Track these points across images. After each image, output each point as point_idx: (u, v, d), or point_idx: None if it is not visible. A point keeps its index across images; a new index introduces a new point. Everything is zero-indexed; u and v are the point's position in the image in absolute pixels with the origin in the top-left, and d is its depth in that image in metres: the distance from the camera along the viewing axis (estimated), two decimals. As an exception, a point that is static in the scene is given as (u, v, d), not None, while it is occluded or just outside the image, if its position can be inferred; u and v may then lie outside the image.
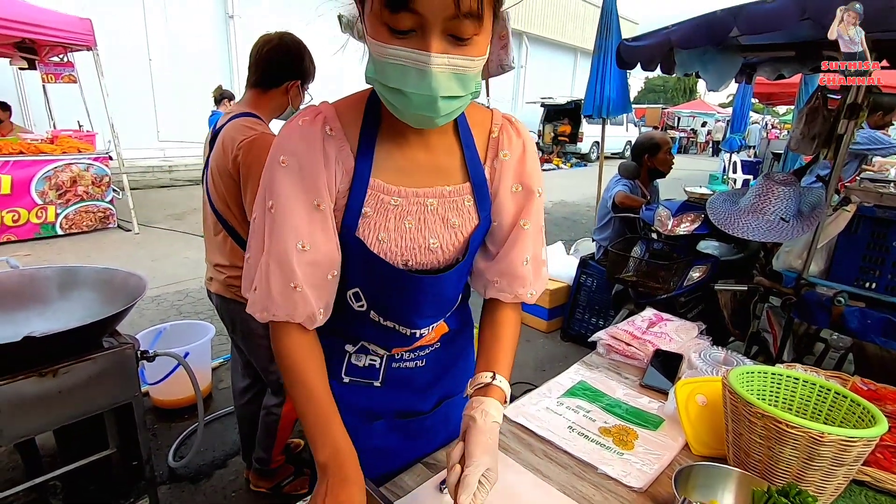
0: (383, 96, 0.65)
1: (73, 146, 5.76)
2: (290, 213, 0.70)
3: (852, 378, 1.20)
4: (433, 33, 0.57)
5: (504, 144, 0.80)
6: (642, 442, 1.04)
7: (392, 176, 0.74)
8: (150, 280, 2.99)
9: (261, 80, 1.61)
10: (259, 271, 0.73)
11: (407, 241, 0.76)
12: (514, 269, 0.83)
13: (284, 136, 0.72)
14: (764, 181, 2.19)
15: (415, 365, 0.92)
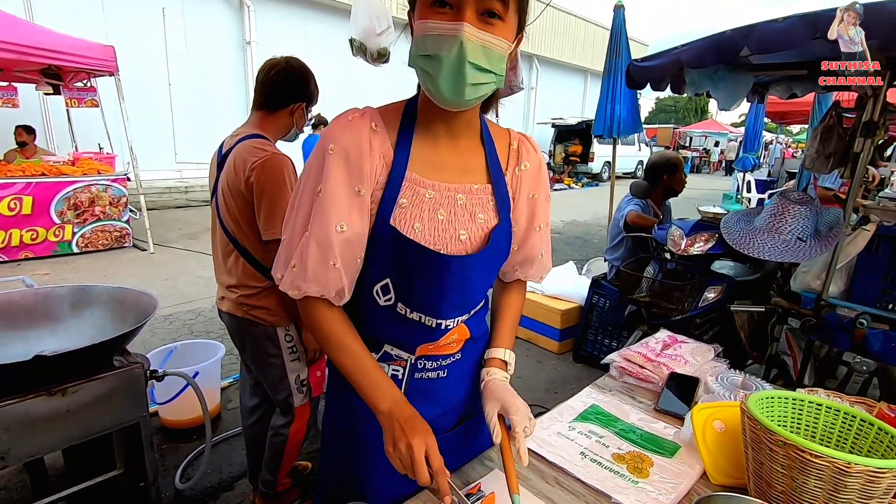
0: (420, 67, 0.74)
1: (93, 168, 5.91)
2: (336, 196, 0.78)
3: (878, 404, 1.15)
4: (467, 9, 0.69)
5: (524, 156, 0.92)
6: (658, 469, 1.00)
7: (426, 170, 0.83)
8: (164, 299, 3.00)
9: (267, 102, 1.65)
10: (298, 250, 0.80)
11: (440, 231, 0.83)
12: (533, 260, 1.00)
13: (335, 128, 0.80)
14: (780, 200, 2.16)
15: (437, 375, 0.95)
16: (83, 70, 5.60)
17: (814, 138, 2.79)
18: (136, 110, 8.00)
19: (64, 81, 5.98)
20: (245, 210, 1.57)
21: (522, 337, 3.89)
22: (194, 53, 10.11)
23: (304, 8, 11.57)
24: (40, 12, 7.91)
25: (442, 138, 0.84)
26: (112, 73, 5.52)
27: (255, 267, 1.64)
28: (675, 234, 2.67)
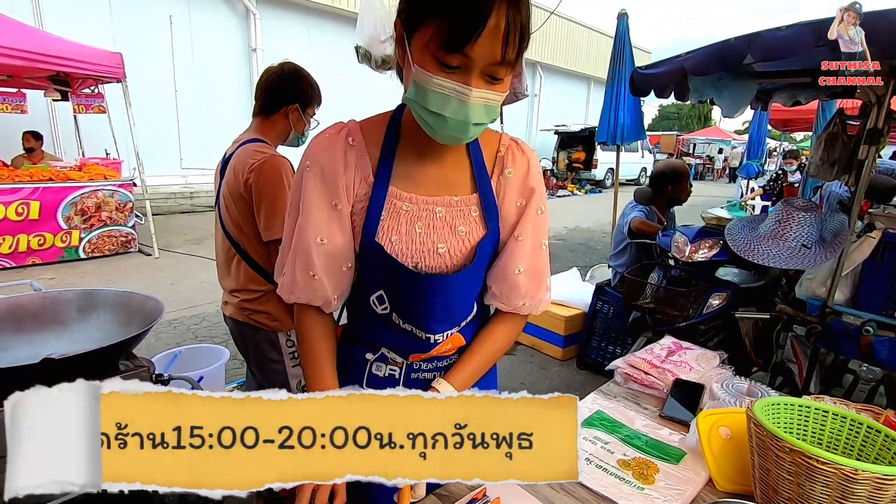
0: (420, 116, 0.74)
1: (99, 173, 5.95)
2: (313, 211, 0.82)
3: (885, 411, 1.14)
4: (475, 72, 0.68)
5: (509, 163, 0.88)
6: (663, 476, 1.00)
7: (405, 184, 0.84)
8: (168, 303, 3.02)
9: (262, 108, 1.68)
10: (289, 259, 0.86)
11: (417, 244, 0.83)
12: (506, 275, 0.88)
13: (312, 146, 0.84)
14: (784, 207, 2.16)
15: (433, 376, 0.95)
16: (91, 77, 5.66)
17: (818, 145, 2.79)
18: (143, 116, 8.07)
19: (72, 88, 6.04)
20: (246, 213, 1.59)
21: (526, 343, 3.88)
22: (200, 60, 10.21)
23: (309, 15, 11.68)
24: (49, 20, 8.01)
25: (426, 153, 0.84)
26: (119, 79, 5.58)
27: (257, 271, 1.64)
28: (680, 240, 2.66)
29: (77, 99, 6.07)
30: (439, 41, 0.66)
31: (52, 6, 8.23)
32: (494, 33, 0.65)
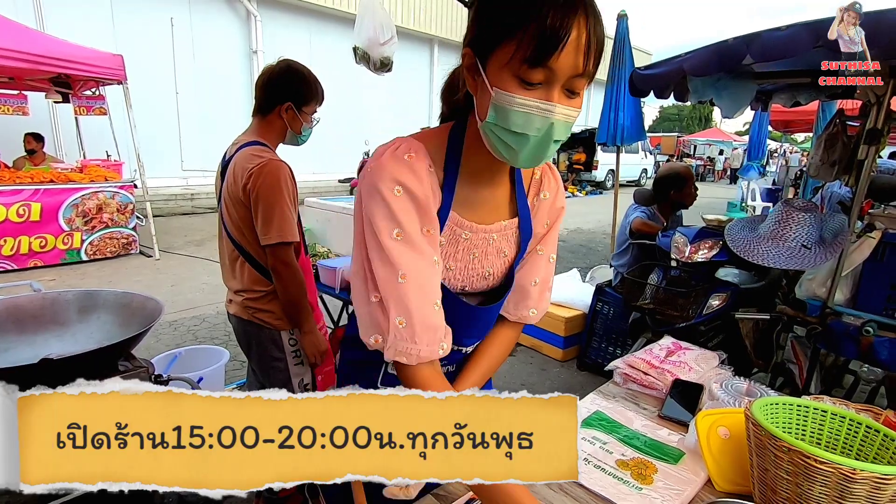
0: (500, 139, 0.71)
1: (100, 175, 5.96)
2: (418, 236, 0.75)
3: (885, 411, 1.14)
4: (557, 87, 0.67)
5: (545, 186, 0.93)
6: (662, 476, 1.00)
7: (465, 211, 0.83)
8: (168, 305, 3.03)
9: (259, 107, 1.67)
10: (396, 301, 0.73)
11: (470, 271, 0.86)
12: (524, 285, 0.94)
13: (394, 167, 0.75)
14: (784, 207, 2.15)
15: (447, 370, 0.97)
16: (92, 79, 5.67)
17: (818, 146, 2.80)
18: (144, 118, 8.08)
19: (73, 90, 6.06)
20: (246, 217, 1.59)
21: (526, 344, 3.88)
22: (202, 62, 10.24)
23: (310, 18, 11.72)
24: (51, 22, 8.04)
25: (483, 176, 0.84)
26: (121, 81, 5.60)
27: (260, 272, 1.66)
28: (679, 241, 2.66)
29: (78, 101, 6.09)
30: (522, 57, 0.65)
31: (54, 9, 8.26)
32: (577, 44, 0.64)
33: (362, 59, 2.23)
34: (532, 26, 0.63)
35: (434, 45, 14.35)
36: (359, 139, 10.90)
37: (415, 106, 14.41)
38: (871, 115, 1.98)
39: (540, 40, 0.63)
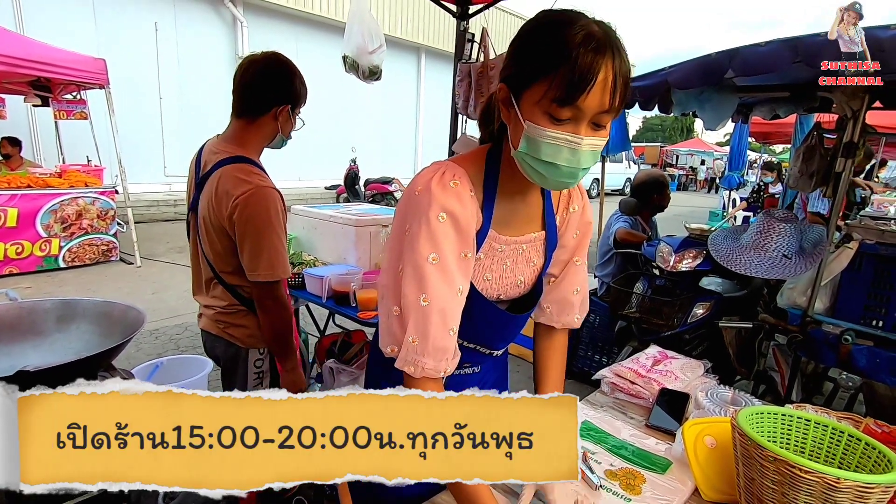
0: (532, 167, 0.78)
1: (80, 180, 5.85)
2: (453, 264, 0.80)
3: (865, 420, 1.16)
4: (584, 122, 0.72)
5: (574, 200, 1.00)
6: (650, 486, 1.00)
7: (502, 227, 0.90)
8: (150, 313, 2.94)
9: (247, 108, 1.47)
10: (415, 321, 0.78)
11: (504, 280, 0.93)
12: (566, 296, 1.02)
13: (439, 193, 0.79)
14: (764, 218, 2.20)
15: (472, 371, 1.04)
16: (73, 82, 5.58)
17: (797, 158, 2.87)
18: (126, 123, 7.95)
19: (53, 93, 5.95)
20: (229, 247, 1.45)
21: (513, 353, 3.86)
22: (186, 68, 10.14)
23: (297, 24, 11.70)
24: (31, 25, 7.90)
25: (518, 195, 0.90)
26: (102, 85, 5.51)
27: (231, 292, 1.53)
28: (664, 250, 2.70)
29: (58, 105, 5.98)
30: (553, 97, 0.70)
31: (34, 12, 8.12)
32: (603, 85, 0.70)
33: (351, 68, 2.24)
34: (562, 70, 0.69)
35: (421, 54, 14.43)
36: (346, 146, 10.86)
37: (402, 113, 14.44)
38: (847, 129, 2.04)
39: (570, 83, 0.69)
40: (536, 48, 0.73)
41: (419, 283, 0.78)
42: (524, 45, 0.76)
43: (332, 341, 2.48)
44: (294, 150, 1.72)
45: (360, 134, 12.29)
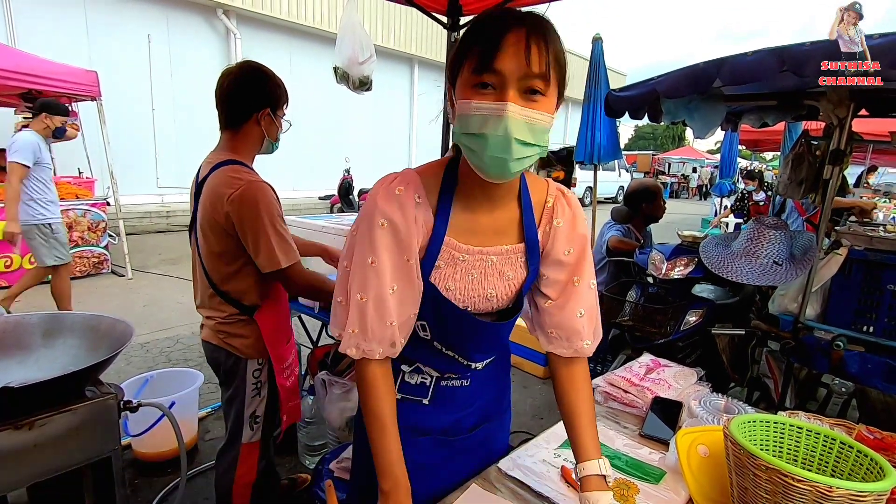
0: (465, 144, 0.78)
1: (71, 192, 5.80)
2: (387, 267, 0.84)
3: (857, 426, 1.16)
4: (509, 88, 0.72)
5: (558, 213, 0.94)
6: (644, 497, 0.99)
7: (462, 236, 0.88)
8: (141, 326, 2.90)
9: (231, 119, 1.54)
10: (354, 314, 0.85)
11: (469, 291, 0.90)
12: (570, 321, 0.94)
13: (384, 202, 0.84)
14: (755, 225, 2.21)
15: (461, 384, 1.01)
16: (64, 94, 5.55)
17: (786, 165, 2.89)
18: (119, 135, 7.93)
19: (44, 106, 5.91)
20: (226, 243, 1.50)
21: (507, 362, 3.86)
22: (179, 80, 10.14)
23: (290, 36, 11.75)
24: (23, 38, 7.89)
25: (480, 204, 0.88)
26: (94, 97, 5.50)
27: (231, 303, 1.58)
28: (656, 258, 2.71)
29: (50, 117, 5.93)
30: (471, 68, 0.73)
31: (26, 24, 8.11)
32: (517, 47, 0.71)
33: (342, 79, 2.24)
34: (477, 41, 0.73)
35: (414, 65, 14.52)
36: (339, 157, 10.87)
37: (395, 124, 14.50)
38: (833, 137, 2.06)
39: (483, 50, 0.72)
40: (463, 40, 0.77)
41: (358, 282, 0.84)
42: (458, 44, 0.80)
43: (325, 353, 2.46)
44: (288, 160, 1.74)
45: (354, 144, 12.30)
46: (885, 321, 2.00)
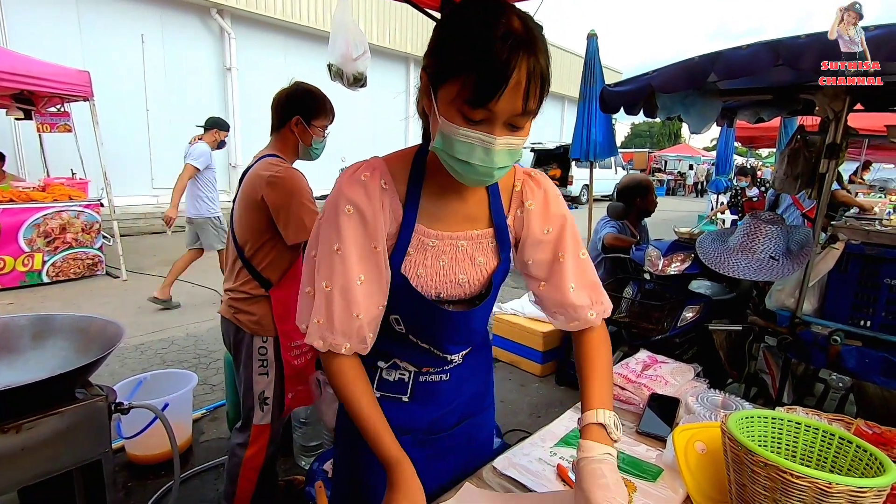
0: (448, 163, 0.78)
1: (64, 193, 5.77)
2: (354, 255, 0.82)
3: (856, 421, 1.15)
4: (499, 124, 0.72)
5: (528, 196, 0.94)
6: (641, 495, 0.98)
7: (431, 222, 0.87)
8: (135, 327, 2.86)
9: (274, 124, 1.80)
10: (320, 304, 0.83)
11: (440, 277, 0.88)
12: (565, 297, 0.93)
13: (348, 188, 0.83)
14: (751, 220, 2.20)
15: (440, 378, 0.99)
16: (56, 95, 5.52)
17: (781, 160, 2.88)
18: (112, 135, 7.89)
19: (36, 107, 5.87)
20: (260, 220, 1.68)
21: (505, 360, 3.86)
22: (173, 79, 10.09)
23: (285, 35, 11.71)
24: (15, 38, 7.83)
25: (449, 190, 0.88)
26: (87, 98, 5.46)
27: (254, 275, 1.73)
28: (653, 254, 2.70)
29: (41, 118, 5.89)
30: (464, 98, 0.70)
31: (18, 24, 8.06)
32: (516, 89, 0.69)
33: (336, 76, 2.22)
34: (474, 72, 0.68)
35: (410, 63, 14.49)
36: (335, 156, 10.81)
37: (391, 123, 14.46)
38: (829, 131, 2.06)
39: (480, 87, 0.68)
40: (453, 44, 0.71)
41: (324, 270, 0.83)
42: (443, 37, 0.74)
43: (321, 352, 2.44)
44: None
45: (350, 143, 12.24)
46: (883, 315, 1.99)
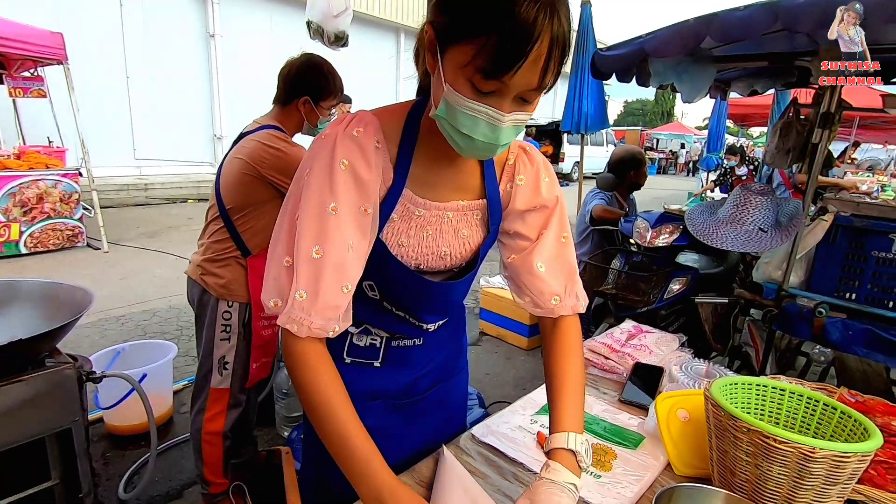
0: (449, 135, 0.71)
1: (40, 162, 5.57)
2: (350, 216, 0.73)
3: (839, 390, 1.14)
4: (509, 98, 0.66)
5: (520, 170, 0.88)
6: (621, 462, 0.96)
7: (420, 188, 0.81)
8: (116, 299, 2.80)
9: (279, 97, 1.73)
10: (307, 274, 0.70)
11: (423, 248, 0.83)
12: (530, 274, 0.86)
13: (341, 142, 0.74)
14: (741, 191, 2.17)
15: (412, 343, 0.95)
16: (29, 58, 5.27)
17: (773, 134, 2.85)
18: (91, 103, 7.62)
19: (8, 70, 5.63)
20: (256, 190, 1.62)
21: (491, 334, 3.85)
22: (154, 45, 9.72)
23: (269, 1, 11.30)
24: (-17, -2, 7.46)
25: (442, 156, 0.80)
26: (60, 61, 5.22)
27: (234, 237, 1.67)
28: (641, 226, 2.67)
29: (13, 82, 5.65)
30: (477, 66, 0.62)
31: (-13, -17, 7.66)
32: (535, 62, 0.62)
33: (316, 34, 2.12)
34: (494, 38, 0.60)
35: (400, 34, 14.12)
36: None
37: (381, 94, 14.16)
38: (824, 100, 2.01)
39: (499, 56, 0.60)
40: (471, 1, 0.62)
41: (315, 234, 0.71)
42: None
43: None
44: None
45: (339, 116, 12.04)
46: (868, 287, 1.99)
